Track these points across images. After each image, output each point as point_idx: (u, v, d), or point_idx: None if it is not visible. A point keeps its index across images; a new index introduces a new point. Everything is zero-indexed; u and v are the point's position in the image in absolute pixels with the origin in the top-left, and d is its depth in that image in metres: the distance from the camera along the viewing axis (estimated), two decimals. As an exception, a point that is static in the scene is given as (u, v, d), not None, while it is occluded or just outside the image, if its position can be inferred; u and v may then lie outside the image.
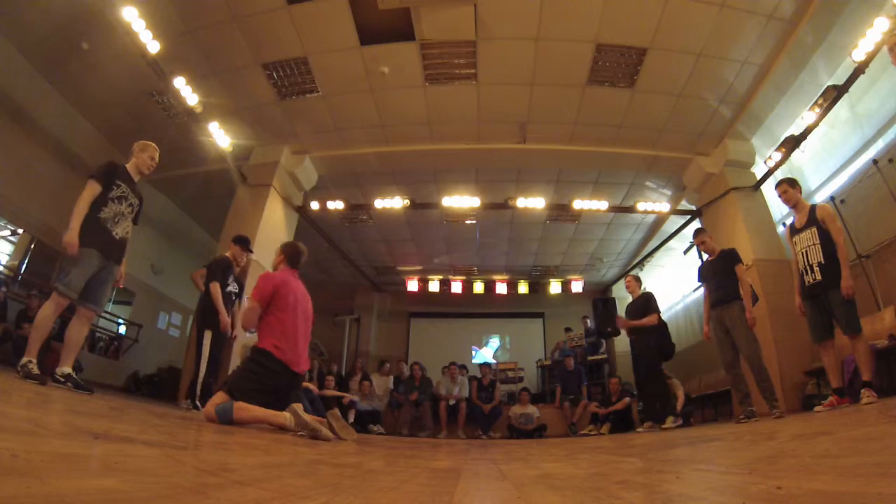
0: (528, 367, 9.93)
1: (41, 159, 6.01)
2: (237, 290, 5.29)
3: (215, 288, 4.54)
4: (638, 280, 5.62)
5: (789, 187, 3.86)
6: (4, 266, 6.48)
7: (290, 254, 3.13)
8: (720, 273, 4.44)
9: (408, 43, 5.05)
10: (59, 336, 4.59)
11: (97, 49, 5.05)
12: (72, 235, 3.06)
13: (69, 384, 3.03)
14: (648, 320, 5.11)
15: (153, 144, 3.62)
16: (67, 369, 3.16)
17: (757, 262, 5.50)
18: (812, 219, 3.68)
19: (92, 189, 3.21)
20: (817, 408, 3.53)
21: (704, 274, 4.66)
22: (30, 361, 2.92)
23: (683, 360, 5.44)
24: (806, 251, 3.66)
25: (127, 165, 3.50)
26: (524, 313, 11.51)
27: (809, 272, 3.62)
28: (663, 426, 4.84)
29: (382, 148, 6.56)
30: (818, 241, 3.58)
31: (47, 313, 3.07)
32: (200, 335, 4.49)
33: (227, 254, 4.93)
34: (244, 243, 5.01)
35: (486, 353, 11.30)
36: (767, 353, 4.74)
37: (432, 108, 5.97)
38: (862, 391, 3.23)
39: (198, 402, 4.32)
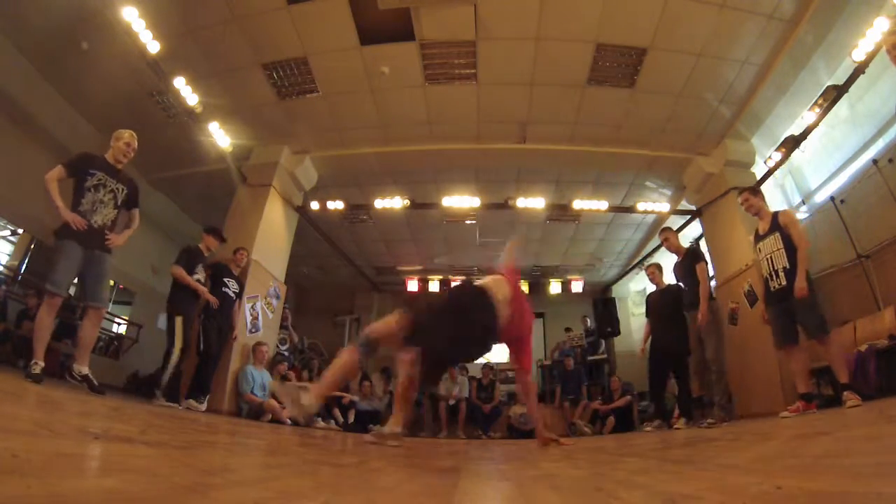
0: (528, 367, 9.91)
1: (41, 159, 5.98)
2: (237, 290, 5.29)
3: (177, 269, 4.43)
4: (660, 269, 5.21)
5: (751, 195, 3.94)
6: (4, 266, 6.48)
7: None
8: (686, 275, 4.48)
9: (408, 43, 5.04)
10: (56, 336, 4.60)
11: (97, 49, 5.05)
12: (66, 212, 3.14)
13: (85, 385, 3.17)
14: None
15: (128, 131, 3.58)
16: (85, 369, 3.26)
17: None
18: (775, 224, 3.73)
19: (57, 171, 3.26)
20: (782, 413, 3.50)
21: (676, 276, 4.70)
22: (35, 363, 3.01)
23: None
24: (770, 257, 3.71)
25: (106, 155, 3.51)
26: (524, 313, 11.48)
27: (775, 277, 3.66)
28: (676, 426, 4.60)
29: (382, 148, 6.55)
30: (782, 247, 3.62)
31: (42, 315, 3.15)
32: (172, 322, 4.36)
33: (200, 245, 4.79)
34: (217, 233, 4.88)
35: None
36: (768, 353, 4.73)
37: (432, 108, 5.97)
38: (843, 394, 3.20)
39: (160, 394, 4.14)
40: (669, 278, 5.18)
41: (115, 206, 3.46)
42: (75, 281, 3.35)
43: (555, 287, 10.30)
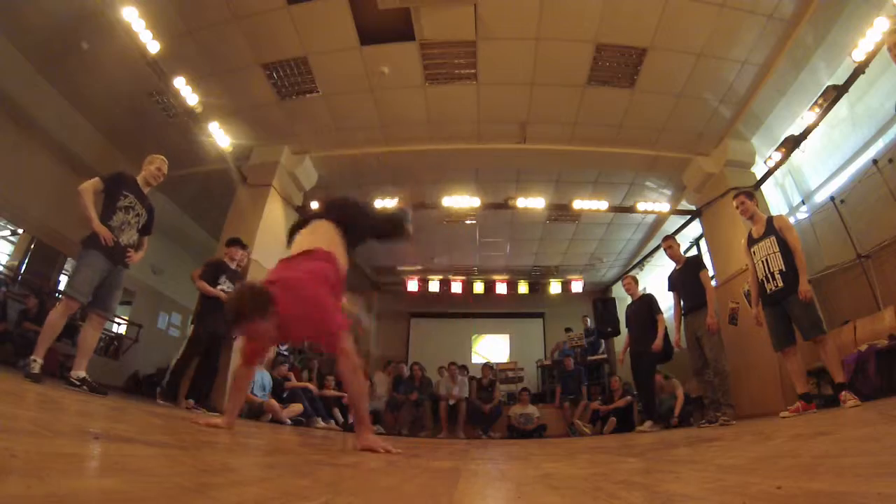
0: (528, 367, 9.93)
1: (41, 159, 6.00)
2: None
3: (203, 284, 4.69)
4: (636, 281, 5.65)
5: (746, 199, 4.01)
6: (4, 266, 6.48)
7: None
8: (688, 281, 4.60)
9: (408, 43, 5.04)
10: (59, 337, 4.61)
11: (97, 49, 5.04)
12: (98, 225, 3.22)
13: (85, 388, 3.16)
14: (661, 326, 5.05)
15: (161, 157, 3.80)
16: (82, 373, 3.27)
17: (750, 266, 5.51)
18: (770, 228, 3.78)
19: (94, 183, 3.36)
20: (782, 413, 3.54)
21: (674, 283, 4.80)
22: (34, 360, 3.01)
23: (683, 360, 5.46)
24: (766, 259, 3.75)
25: (137, 178, 3.68)
26: (524, 313, 11.50)
27: (771, 279, 3.70)
28: (639, 428, 4.98)
29: (382, 148, 6.55)
30: (778, 250, 3.67)
31: (56, 316, 3.18)
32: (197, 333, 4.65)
33: (224, 258, 4.96)
34: (237, 243, 5.12)
35: (484, 353, 11.28)
36: (768, 353, 4.74)
37: (432, 108, 5.97)
38: (841, 395, 3.21)
39: (161, 398, 4.41)
40: (656, 287, 5.40)
41: (138, 230, 3.64)
42: None
43: (555, 287, 10.30)
